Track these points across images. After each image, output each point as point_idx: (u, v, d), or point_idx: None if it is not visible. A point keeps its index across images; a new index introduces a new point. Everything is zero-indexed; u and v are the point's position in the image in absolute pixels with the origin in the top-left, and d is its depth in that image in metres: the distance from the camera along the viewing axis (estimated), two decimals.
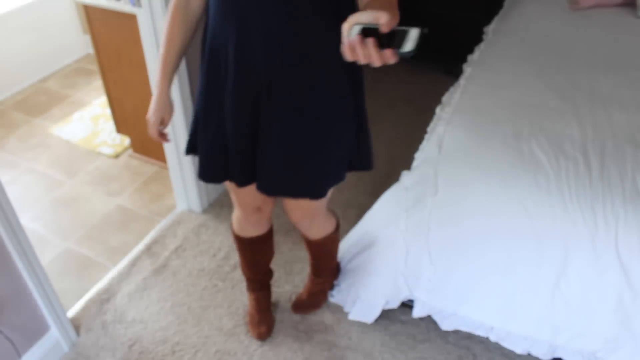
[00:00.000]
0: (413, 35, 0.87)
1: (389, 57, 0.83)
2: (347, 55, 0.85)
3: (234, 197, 1.63)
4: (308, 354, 1.88)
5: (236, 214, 1.72)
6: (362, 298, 1.87)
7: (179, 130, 2.20)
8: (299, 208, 1.58)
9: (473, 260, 1.65)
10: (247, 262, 1.86)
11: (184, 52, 1.41)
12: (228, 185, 1.56)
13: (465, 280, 1.68)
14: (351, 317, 1.92)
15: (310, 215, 1.64)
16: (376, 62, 0.84)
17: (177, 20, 1.34)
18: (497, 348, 1.86)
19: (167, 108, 1.48)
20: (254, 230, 1.73)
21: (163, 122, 1.49)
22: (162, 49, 1.39)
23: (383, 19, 0.83)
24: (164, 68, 1.40)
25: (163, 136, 1.52)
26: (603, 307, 1.53)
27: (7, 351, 1.70)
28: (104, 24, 2.41)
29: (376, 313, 1.88)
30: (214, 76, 1.33)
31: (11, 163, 2.85)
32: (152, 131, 1.49)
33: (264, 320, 1.93)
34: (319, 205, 1.59)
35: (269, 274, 1.96)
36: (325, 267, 1.93)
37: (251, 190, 1.50)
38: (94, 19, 2.42)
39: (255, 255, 1.84)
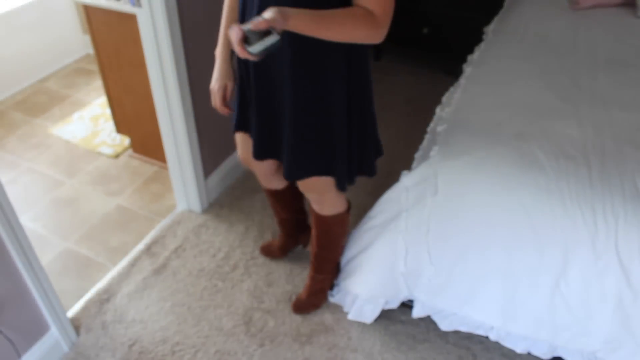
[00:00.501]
0: (268, 41, 1.08)
1: (240, 50, 1.09)
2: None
3: (239, 149, 1.77)
4: (308, 354, 1.88)
5: None
6: (361, 298, 1.87)
7: (178, 129, 2.20)
8: (304, 184, 1.66)
9: (473, 260, 1.65)
10: (274, 205, 2.00)
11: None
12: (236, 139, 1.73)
13: (465, 280, 1.68)
14: (350, 317, 1.92)
15: (317, 191, 1.69)
16: (236, 52, 1.10)
17: None
18: (496, 348, 1.86)
19: (229, 75, 1.53)
20: (272, 185, 1.88)
21: (227, 89, 1.55)
22: (223, 18, 1.47)
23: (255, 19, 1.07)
24: (225, 36, 1.47)
25: (227, 106, 1.57)
26: (603, 307, 1.53)
27: (7, 351, 1.70)
28: (104, 24, 2.41)
29: (376, 313, 1.88)
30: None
31: (11, 163, 2.85)
32: (217, 100, 1.55)
33: (277, 255, 2.17)
34: (322, 183, 1.63)
35: (300, 213, 2.08)
36: (329, 257, 1.91)
37: (262, 165, 1.74)
38: (94, 19, 2.42)
39: (280, 202, 1.97)
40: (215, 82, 1.54)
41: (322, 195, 1.70)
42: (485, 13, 2.96)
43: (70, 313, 2.03)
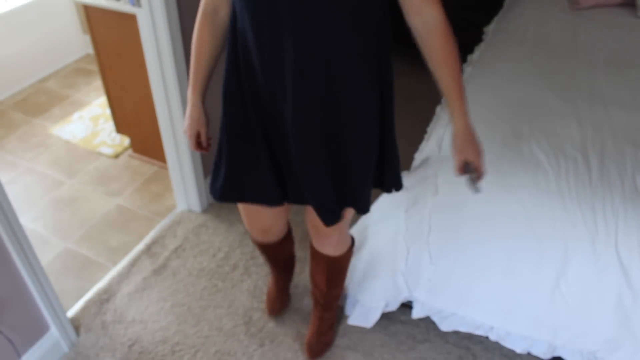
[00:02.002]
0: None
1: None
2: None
3: (242, 214, 1.61)
4: (308, 355, 1.88)
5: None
6: (361, 302, 1.86)
7: (178, 129, 2.20)
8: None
9: (473, 260, 1.65)
10: (266, 257, 1.85)
11: (215, 62, 1.36)
12: (241, 207, 1.55)
13: (465, 280, 1.68)
14: (350, 321, 1.91)
15: (339, 227, 1.55)
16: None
17: (205, 30, 1.30)
18: (496, 348, 1.86)
19: (201, 121, 1.42)
20: (261, 239, 1.70)
21: (200, 136, 1.45)
22: (192, 62, 1.34)
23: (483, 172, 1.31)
24: (195, 81, 1.36)
25: (203, 148, 1.48)
26: (603, 307, 1.53)
27: (6, 351, 1.70)
28: (104, 24, 2.41)
29: (376, 316, 1.87)
30: (243, 96, 1.29)
31: (11, 163, 2.85)
32: (192, 146, 1.46)
33: (279, 298, 1.97)
34: (349, 214, 1.53)
35: (291, 258, 1.91)
36: (338, 292, 1.81)
37: (262, 212, 1.51)
38: (94, 19, 2.42)
39: (273, 254, 1.81)
40: (188, 129, 1.43)
41: (344, 230, 1.59)
42: (485, 13, 2.96)
43: (70, 313, 2.03)
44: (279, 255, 1.82)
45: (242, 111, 1.31)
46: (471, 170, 1.32)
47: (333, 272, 1.71)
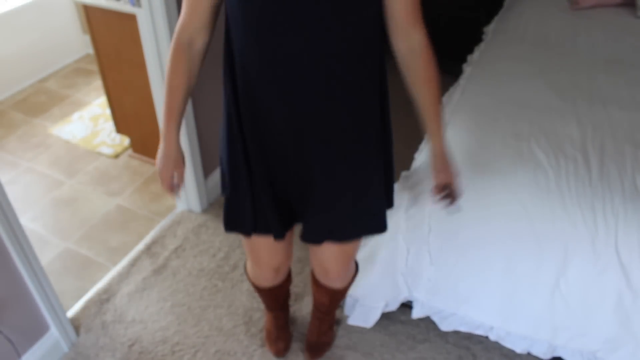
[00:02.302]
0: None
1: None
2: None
3: (252, 256, 1.56)
4: (308, 355, 1.87)
5: (251, 266, 1.64)
6: (361, 302, 1.86)
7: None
8: (343, 254, 1.49)
9: (473, 260, 1.65)
10: (265, 299, 1.79)
11: (188, 96, 1.27)
12: (246, 243, 1.50)
13: (465, 280, 1.68)
14: (350, 321, 1.91)
15: (349, 259, 1.54)
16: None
17: (180, 63, 1.21)
18: (496, 348, 1.86)
19: (178, 160, 1.32)
20: (272, 283, 1.65)
21: (176, 177, 1.34)
22: (166, 96, 1.25)
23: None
24: (170, 116, 1.26)
25: (175, 190, 1.36)
26: (603, 307, 1.53)
27: (6, 351, 1.70)
28: (104, 24, 2.41)
29: (376, 316, 1.87)
30: (247, 123, 1.22)
31: (11, 163, 2.85)
32: (166, 187, 1.34)
33: (282, 336, 1.87)
34: (358, 244, 1.52)
35: (287, 297, 1.87)
36: (338, 304, 1.81)
37: (272, 248, 1.46)
38: (94, 19, 2.42)
39: (273, 297, 1.76)
40: (163, 169, 1.31)
41: (352, 262, 1.58)
42: (485, 13, 2.96)
43: (70, 313, 2.03)
44: (281, 295, 1.79)
45: (243, 154, 1.25)
46: (448, 191, 1.36)
47: (337, 297, 1.72)
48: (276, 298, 1.78)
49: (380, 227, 1.39)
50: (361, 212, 1.34)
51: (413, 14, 1.15)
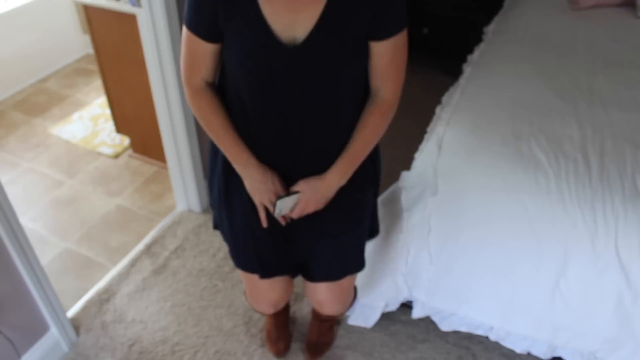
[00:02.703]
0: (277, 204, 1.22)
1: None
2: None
3: (251, 297, 1.60)
4: (308, 355, 1.87)
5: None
6: (361, 302, 1.86)
7: (178, 129, 2.20)
8: (338, 287, 1.53)
9: (473, 260, 1.65)
10: (273, 329, 1.85)
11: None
12: (246, 279, 1.53)
13: (465, 280, 1.68)
14: (350, 321, 1.91)
15: (345, 292, 1.58)
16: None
17: (207, 105, 1.21)
18: (496, 348, 1.86)
19: (274, 178, 1.26)
20: (269, 312, 1.71)
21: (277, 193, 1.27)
22: (224, 141, 1.23)
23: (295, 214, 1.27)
24: (239, 149, 1.23)
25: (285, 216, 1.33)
26: (603, 307, 1.53)
27: (6, 351, 1.70)
28: (104, 24, 2.41)
29: (376, 316, 1.87)
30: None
31: (11, 163, 2.85)
32: (277, 215, 1.29)
33: (282, 336, 1.87)
34: (354, 278, 1.57)
35: (287, 307, 1.91)
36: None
37: (270, 283, 1.49)
38: (94, 19, 2.42)
39: (272, 318, 1.84)
40: (264, 195, 1.26)
41: (349, 291, 1.62)
42: (485, 13, 2.96)
43: (70, 313, 2.03)
44: (282, 315, 1.84)
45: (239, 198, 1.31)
46: (289, 204, 1.25)
47: (333, 321, 1.79)
48: (276, 319, 1.83)
49: (360, 264, 1.47)
50: (352, 249, 1.41)
51: (387, 73, 1.18)
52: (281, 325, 1.87)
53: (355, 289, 1.74)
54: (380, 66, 1.16)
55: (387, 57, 1.14)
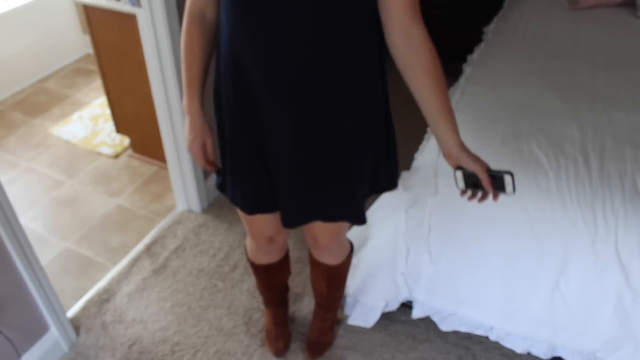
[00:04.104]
0: (509, 180, 1.13)
1: (495, 198, 1.17)
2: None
3: (247, 227, 1.56)
4: (308, 354, 1.87)
5: (249, 242, 1.67)
6: (361, 302, 1.86)
7: (178, 129, 2.20)
8: (328, 231, 1.49)
9: (473, 260, 1.65)
10: (263, 285, 1.80)
11: (208, 66, 1.29)
12: (241, 214, 1.49)
13: (465, 280, 1.68)
14: (350, 321, 1.91)
15: (338, 235, 1.53)
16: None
17: (195, 35, 1.22)
18: (496, 348, 1.86)
19: (205, 131, 1.31)
20: (268, 258, 1.67)
21: (206, 147, 1.33)
22: (184, 69, 1.26)
23: (484, 180, 1.14)
24: (191, 87, 1.27)
25: (211, 164, 1.36)
26: (603, 307, 1.53)
27: (6, 351, 1.70)
28: (104, 24, 2.41)
29: (376, 316, 1.87)
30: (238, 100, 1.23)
31: (11, 163, 2.85)
32: (200, 160, 1.34)
33: (281, 335, 1.87)
34: (345, 223, 1.50)
35: (286, 291, 1.90)
36: (338, 296, 1.81)
37: (264, 220, 1.46)
38: (94, 19, 2.42)
39: (271, 279, 1.77)
40: (193, 142, 1.31)
41: (342, 239, 1.58)
42: (485, 13, 2.96)
43: (70, 313, 2.03)
44: (279, 279, 1.79)
45: (234, 123, 1.27)
46: (477, 183, 1.17)
47: (333, 279, 1.71)
48: (274, 283, 1.78)
49: (360, 218, 1.38)
50: (346, 197, 1.33)
51: (410, 6, 1.07)
52: (280, 323, 1.87)
53: (351, 244, 1.70)
54: None
55: None
